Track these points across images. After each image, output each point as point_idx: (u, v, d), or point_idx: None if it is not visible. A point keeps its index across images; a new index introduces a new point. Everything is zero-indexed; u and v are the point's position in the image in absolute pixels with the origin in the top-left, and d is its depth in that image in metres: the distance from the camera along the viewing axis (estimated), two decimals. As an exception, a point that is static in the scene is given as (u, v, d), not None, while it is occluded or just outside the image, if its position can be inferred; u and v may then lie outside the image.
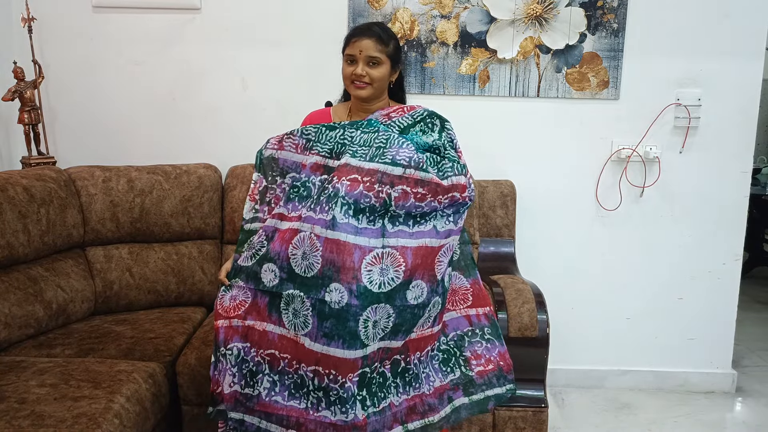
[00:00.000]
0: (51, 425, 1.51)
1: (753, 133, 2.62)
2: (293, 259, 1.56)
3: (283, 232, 1.61)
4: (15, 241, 2.04)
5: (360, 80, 1.69)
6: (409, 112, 1.74)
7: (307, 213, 1.58)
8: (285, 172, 1.72)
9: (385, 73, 1.71)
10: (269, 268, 1.60)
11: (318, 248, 1.53)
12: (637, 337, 2.77)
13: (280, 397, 1.58)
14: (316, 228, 1.54)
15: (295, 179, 1.68)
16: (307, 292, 1.54)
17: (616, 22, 2.54)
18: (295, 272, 1.55)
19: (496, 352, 1.77)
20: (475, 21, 2.55)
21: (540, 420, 2.05)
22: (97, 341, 2.05)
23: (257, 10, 2.57)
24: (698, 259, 2.71)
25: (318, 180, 1.65)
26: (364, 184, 1.55)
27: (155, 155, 2.60)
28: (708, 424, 2.51)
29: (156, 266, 2.40)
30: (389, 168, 1.56)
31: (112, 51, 2.61)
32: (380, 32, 1.69)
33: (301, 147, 1.70)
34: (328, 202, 1.55)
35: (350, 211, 1.54)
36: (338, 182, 1.56)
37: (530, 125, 2.64)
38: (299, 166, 1.70)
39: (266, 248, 1.63)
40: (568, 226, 2.70)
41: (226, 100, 2.64)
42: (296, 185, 1.67)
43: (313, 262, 1.53)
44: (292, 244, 1.57)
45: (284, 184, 1.71)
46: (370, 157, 1.59)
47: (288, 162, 1.71)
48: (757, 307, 4.00)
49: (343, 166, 1.59)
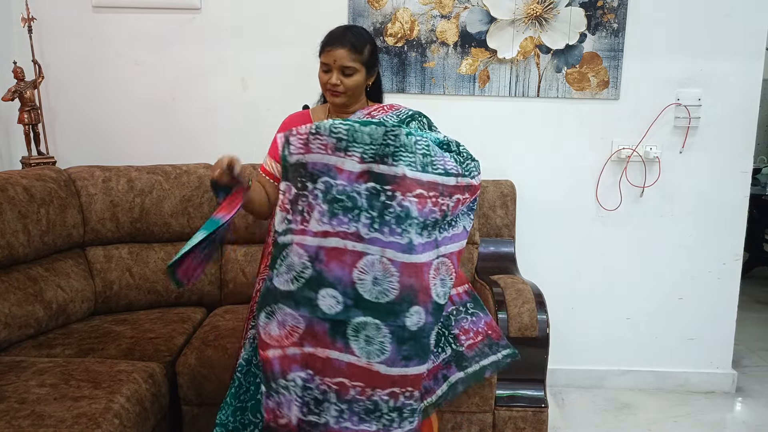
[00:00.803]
0: (51, 425, 1.51)
1: (753, 133, 2.62)
2: (361, 284, 1.46)
3: (338, 253, 1.47)
4: (15, 241, 2.04)
5: (335, 89, 1.68)
6: (393, 111, 1.74)
7: (372, 234, 1.47)
8: (315, 176, 1.49)
9: (360, 81, 1.70)
10: (328, 294, 1.47)
11: (393, 273, 1.46)
12: (637, 337, 2.77)
13: (350, 423, 1.51)
14: (388, 252, 1.46)
15: (332, 187, 1.49)
16: (384, 319, 1.47)
17: (616, 22, 2.54)
18: (365, 298, 1.46)
19: (482, 323, 1.78)
20: (475, 21, 2.56)
21: (540, 420, 2.05)
22: (97, 341, 2.05)
23: (257, 10, 2.57)
24: (698, 259, 2.71)
25: (364, 189, 1.48)
26: (431, 200, 1.51)
27: (155, 155, 2.60)
28: (708, 424, 2.51)
29: (156, 266, 2.40)
30: (445, 179, 1.54)
31: (112, 51, 2.61)
32: (354, 40, 1.66)
33: (332, 147, 1.48)
34: (399, 223, 1.47)
35: (421, 230, 1.51)
36: (404, 200, 1.48)
37: (530, 125, 2.64)
38: (333, 169, 1.49)
39: (315, 271, 1.47)
40: (568, 226, 2.70)
41: (226, 100, 2.64)
42: (339, 198, 1.48)
43: (388, 288, 1.47)
44: (358, 269, 1.46)
45: (317, 190, 1.49)
46: (422, 166, 1.52)
47: (318, 165, 1.49)
48: (757, 307, 4.00)
49: (402, 179, 1.48)
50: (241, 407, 1.71)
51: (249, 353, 1.71)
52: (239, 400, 1.71)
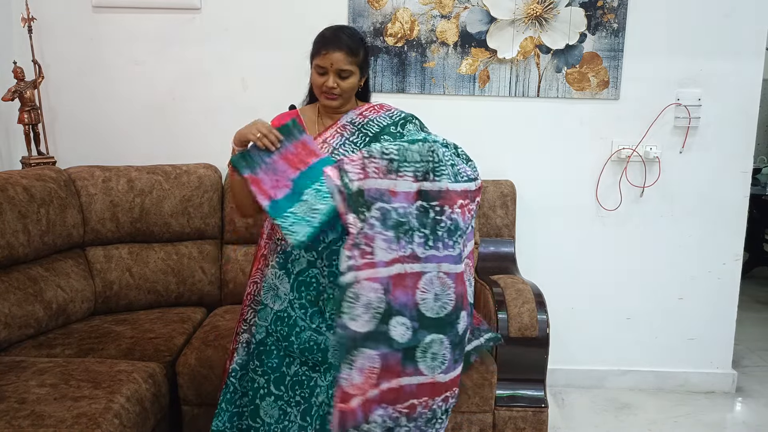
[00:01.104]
0: (51, 425, 1.51)
1: (753, 133, 2.62)
2: (423, 304, 1.46)
3: (400, 279, 1.44)
4: (15, 241, 2.04)
5: (332, 92, 1.66)
6: (386, 112, 1.73)
7: (428, 252, 1.47)
8: (370, 203, 1.42)
9: (355, 82, 1.68)
10: (398, 322, 1.43)
11: (450, 286, 1.48)
12: (637, 337, 2.77)
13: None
14: (443, 266, 1.47)
15: (389, 212, 1.43)
16: (446, 332, 1.49)
17: (616, 22, 2.54)
18: (427, 316, 1.47)
19: None
20: (475, 21, 2.56)
21: (540, 420, 2.05)
22: (97, 341, 2.05)
23: (257, 10, 2.57)
24: (698, 259, 2.71)
25: (414, 208, 1.46)
26: (467, 208, 1.54)
27: (155, 155, 2.60)
28: (708, 424, 2.51)
29: (156, 266, 2.40)
30: (470, 185, 1.56)
31: (111, 51, 2.61)
32: (350, 42, 1.64)
33: (384, 170, 1.43)
34: (450, 236, 1.49)
35: (463, 239, 1.55)
36: (452, 212, 1.49)
37: (530, 125, 2.64)
38: (386, 193, 1.44)
39: (386, 303, 1.42)
40: (568, 226, 2.70)
41: (226, 100, 2.63)
42: (402, 221, 1.44)
43: (446, 301, 1.48)
44: (420, 289, 1.45)
45: (372, 218, 1.42)
46: (454, 176, 1.53)
47: (372, 191, 1.43)
48: (757, 307, 4.00)
49: (446, 193, 1.49)
50: (237, 412, 1.71)
51: (243, 358, 1.70)
52: (235, 405, 1.71)
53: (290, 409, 1.62)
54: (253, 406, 1.66)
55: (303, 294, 1.60)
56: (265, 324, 1.65)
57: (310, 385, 1.61)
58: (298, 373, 1.62)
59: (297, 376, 1.62)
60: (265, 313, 1.66)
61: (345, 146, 1.67)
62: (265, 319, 1.66)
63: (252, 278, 1.77)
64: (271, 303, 1.65)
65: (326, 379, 1.60)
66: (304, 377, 1.61)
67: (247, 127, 1.60)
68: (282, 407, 1.63)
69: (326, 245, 1.60)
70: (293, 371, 1.62)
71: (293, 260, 1.62)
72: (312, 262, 1.60)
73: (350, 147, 1.67)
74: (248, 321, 1.73)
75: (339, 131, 1.70)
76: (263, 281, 1.70)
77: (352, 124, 1.71)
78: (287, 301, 1.62)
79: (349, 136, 1.68)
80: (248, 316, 1.73)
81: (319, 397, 1.60)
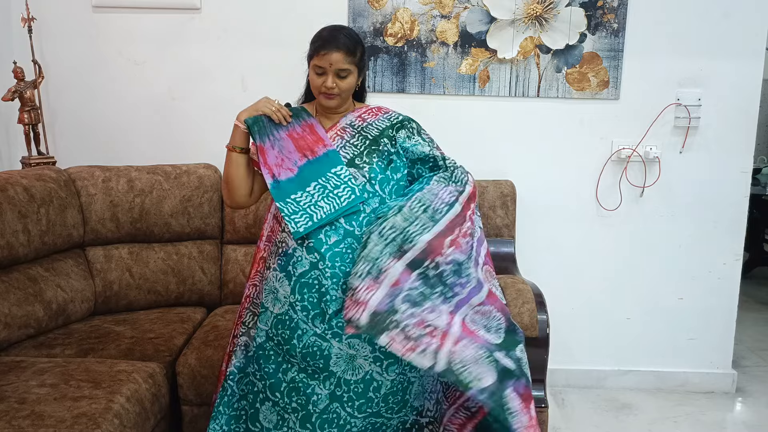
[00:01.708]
0: (51, 425, 1.51)
1: (753, 133, 2.62)
2: (488, 336, 1.56)
3: (465, 333, 1.52)
4: (15, 241, 2.04)
5: (330, 92, 1.66)
6: (384, 114, 1.76)
7: (453, 300, 1.55)
8: (392, 308, 1.50)
9: (354, 82, 1.69)
10: (502, 358, 1.52)
11: (490, 310, 1.59)
12: (637, 337, 2.77)
13: None
14: (474, 300, 1.57)
15: (408, 295, 1.52)
16: (516, 344, 1.58)
17: (616, 22, 2.54)
18: (500, 343, 1.55)
19: None
20: (475, 21, 2.56)
21: (540, 420, 2.02)
22: (97, 341, 2.05)
23: (257, 10, 2.57)
24: (698, 259, 2.71)
25: (414, 280, 1.53)
26: (461, 236, 1.59)
27: (155, 155, 2.60)
28: (708, 424, 2.51)
29: (156, 266, 2.40)
30: (453, 211, 1.61)
31: (112, 51, 2.61)
32: (348, 43, 1.64)
33: (372, 283, 1.52)
34: (459, 275, 1.58)
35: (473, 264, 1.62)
36: (446, 258, 1.56)
37: (530, 125, 2.64)
38: (392, 291, 1.52)
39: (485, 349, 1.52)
40: (568, 226, 2.70)
41: (226, 100, 2.63)
42: (423, 292, 1.54)
43: (498, 322, 1.59)
44: (475, 333, 1.54)
45: (406, 312, 1.50)
46: (431, 220, 1.58)
47: (382, 302, 1.51)
48: (757, 307, 4.00)
49: (428, 246, 1.55)
50: (236, 415, 1.70)
51: (242, 361, 1.70)
52: (233, 408, 1.71)
53: (287, 416, 1.61)
54: (253, 410, 1.66)
55: (305, 296, 1.59)
56: (265, 328, 1.64)
57: (306, 392, 1.59)
58: (295, 380, 1.60)
59: (293, 383, 1.60)
60: (265, 317, 1.65)
61: (345, 149, 1.69)
62: (265, 323, 1.65)
63: (251, 281, 1.77)
64: (271, 306, 1.64)
65: (325, 387, 1.59)
66: (301, 384, 1.60)
67: (258, 102, 1.68)
68: (279, 413, 1.62)
69: (329, 246, 1.59)
70: (290, 378, 1.61)
71: (295, 262, 1.61)
72: (314, 263, 1.60)
73: (351, 149, 1.69)
74: (247, 324, 1.72)
75: (339, 134, 1.72)
76: (263, 284, 1.69)
77: (352, 127, 1.73)
78: (287, 303, 1.61)
79: (349, 139, 1.70)
80: (247, 319, 1.73)
81: (319, 405, 1.59)
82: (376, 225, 1.57)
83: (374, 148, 1.69)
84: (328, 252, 1.59)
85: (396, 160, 1.71)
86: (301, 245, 1.61)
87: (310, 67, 1.69)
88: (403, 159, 1.72)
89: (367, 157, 1.68)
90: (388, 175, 1.69)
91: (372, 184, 1.66)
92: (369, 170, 1.66)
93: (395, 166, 1.71)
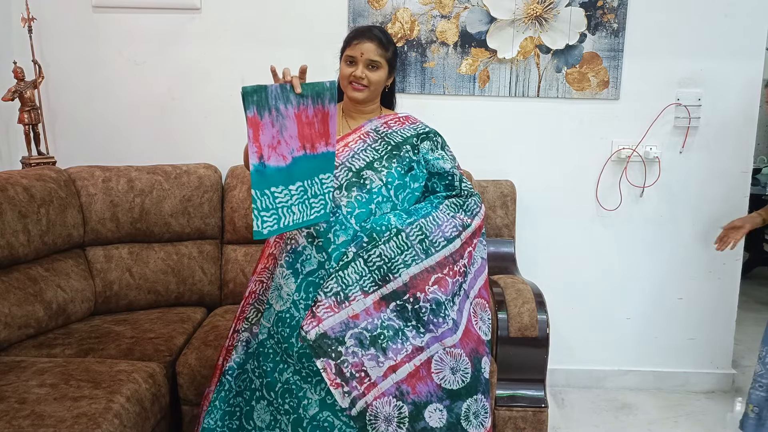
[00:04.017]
0: (51, 425, 1.51)
1: (753, 133, 2.62)
2: (445, 381, 1.55)
3: (413, 374, 1.52)
4: (15, 241, 2.04)
5: (359, 82, 1.67)
6: (411, 124, 1.76)
7: (425, 338, 1.55)
8: (341, 337, 1.50)
9: (383, 77, 1.70)
10: (432, 410, 1.53)
11: (459, 354, 1.57)
12: (637, 337, 2.77)
13: None
14: (446, 341, 1.56)
15: (360, 334, 1.51)
16: (476, 391, 1.60)
17: (616, 22, 2.54)
18: (455, 390, 1.55)
19: None
20: (475, 21, 2.56)
21: (540, 420, 2.05)
22: (97, 341, 2.05)
23: (257, 10, 2.57)
24: (698, 259, 2.71)
25: (390, 313, 1.54)
26: (449, 275, 1.59)
27: (155, 155, 2.60)
28: (708, 424, 2.51)
29: (156, 266, 2.40)
30: (451, 247, 1.61)
31: (112, 51, 2.61)
32: (381, 36, 1.68)
33: (335, 304, 1.52)
34: (437, 314, 1.56)
35: (455, 302, 1.61)
36: (427, 295, 1.55)
37: (530, 125, 2.64)
38: (350, 321, 1.51)
39: (411, 405, 1.52)
40: (568, 226, 2.70)
41: (226, 100, 2.63)
42: (378, 335, 1.52)
43: (464, 368, 1.58)
44: (434, 372, 1.54)
45: (350, 348, 1.50)
46: (424, 253, 1.58)
47: (335, 327, 1.51)
48: (757, 307, 3.99)
49: (412, 281, 1.55)
50: (230, 411, 1.70)
51: (242, 357, 1.70)
52: (228, 404, 1.71)
53: (280, 417, 1.61)
54: (248, 407, 1.65)
55: (311, 295, 1.59)
56: (268, 325, 1.64)
57: (299, 395, 1.59)
58: (289, 382, 1.60)
59: (287, 384, 1.60)
60: (269, 314, 1.65)
61: (367, 152, 1.69)
62: (268, 320, 1.65)
63: (258, 276, 1.76)
64: (274, 303, 1.64)
65: (317, 392, 1.58)
66: (294, 386, 1.59)
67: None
68: (273, 413, 1.62)
69: (336, 246, 1.59)
70: (284, 378, 1.60)
71: (304, 260, 1.61)
72: (322, 263, 1.59)
73: (372, 153, 1.69)
74: (250, 320, 1.72)
75: (362, 137, 1.71)
76: (271, 280, 1.69)
77: (376, 132, 1.72)
78: (290, 301, 1.61)
79: (371, 143, 1.70)
80: (250, 315, 1.73)
81: (310, 410, 1.58)
82: (364, 250, 1.56)
83: (395, 154, 1.69)
84: (335, 252, 1.59)
85: (416, 169, 1.71)
86: (311, 243, 1.60)
87: (341, 60, 1.70)
88: (424, 170, 1.73)
89: (386, 162, 1.67)
90: (405, 182, 1.69)
91: (388, 188, 1.66)
92: (387, 174, 1.66)
93: (415, 175, 1.71)
